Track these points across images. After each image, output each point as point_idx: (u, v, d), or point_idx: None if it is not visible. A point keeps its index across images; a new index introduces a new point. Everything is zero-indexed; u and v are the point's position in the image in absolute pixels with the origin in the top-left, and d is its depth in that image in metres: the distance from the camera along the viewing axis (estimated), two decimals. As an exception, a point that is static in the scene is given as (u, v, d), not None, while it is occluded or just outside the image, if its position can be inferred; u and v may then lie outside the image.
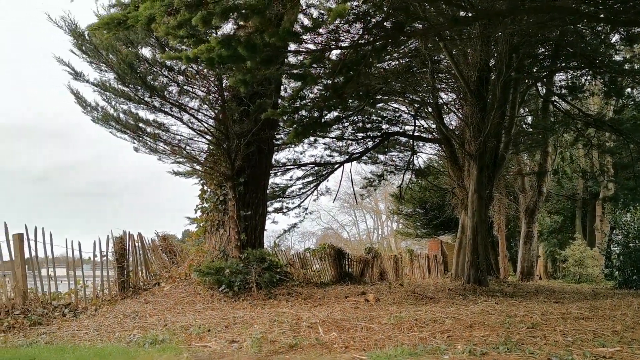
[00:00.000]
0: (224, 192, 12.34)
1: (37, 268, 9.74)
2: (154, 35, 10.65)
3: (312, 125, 10.81)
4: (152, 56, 11.36)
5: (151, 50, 11.47)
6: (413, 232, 33.31)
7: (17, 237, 9.43)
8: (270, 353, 5.98)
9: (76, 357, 5.88)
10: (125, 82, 10.84)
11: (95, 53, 10.88)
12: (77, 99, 11.08)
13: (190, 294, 10.72)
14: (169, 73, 11.40)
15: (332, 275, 18.17)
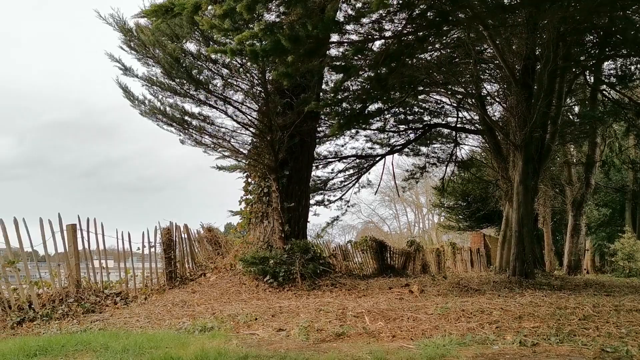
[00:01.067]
0: (268, 184, 12.46)
1: (89, 258, 10.06)
2: (198, 29, 10.83)
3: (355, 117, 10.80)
4: (196, 50, 11.55)
5: (195, 44, 11.66)
6: (455, 225, 32.91)
7: (71, 228, 9.76)
8: (318, 341, 6.04)
9: (130, 343, 6.05)
10: (171, 76, 11.07)
11: (142, 48, 11.13)
12: (126, 93, 11.37)
13: (236, 284, 10.89)
14: (214, 66, 11.56)
15: (373, 268, 18.16)
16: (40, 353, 5.84)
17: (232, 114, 11.78)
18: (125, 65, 11.27)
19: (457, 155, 21.53)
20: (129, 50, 11.38)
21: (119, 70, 11.26)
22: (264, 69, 11.37)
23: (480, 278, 14.83)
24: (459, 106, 19.01)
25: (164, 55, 10.72)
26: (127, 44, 11.29)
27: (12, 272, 8.94)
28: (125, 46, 11.33)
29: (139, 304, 9.71)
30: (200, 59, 11.44)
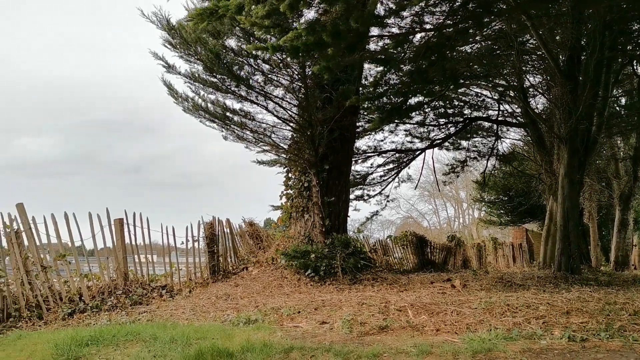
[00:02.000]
0: (308, 178, 12.52)
1: (135, 251, 10.32)
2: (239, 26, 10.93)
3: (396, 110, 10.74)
4: (237, 46, 11.67)
5: (236, 40, 11.78)
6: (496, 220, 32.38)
7: (118, 222, 10.03)
8: (362, 334, 6.07)
9: (177, 334, 6.19)
10: (213, 72, 11.22)
11: (184, 45, 11.30)
12: (170, 90, 11.60)
13: (278, 278, 11.00)
14: (254, 62, 11.66)
15: (414, 263, 18.07)
16: (92, 343, 6.04)
17: (272, 110, 11.88)
18: (168, 62, 11.48)
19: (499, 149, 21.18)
20: (172, 48, 11.57)
21: (162, 68, 11.51)
22: (304, 64, 11.41)
23: (523, 273, 14.57)
24: (501, 99, 18.68)
25: (206, 51, 10.87)
26: (170, 42, 11.48)
27: (63, 265, 9.25)
28: (168, 44, 11.52)
29: (184, 297, 9.91)
30: (240, 55, 11.56)
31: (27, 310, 8.19)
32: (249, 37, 11.33)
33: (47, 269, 8.76)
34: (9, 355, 6.11)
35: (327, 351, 5.18)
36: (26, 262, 8.51)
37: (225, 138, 12.31)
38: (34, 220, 8.79)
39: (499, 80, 16.70)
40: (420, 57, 9.94)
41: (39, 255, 8.72)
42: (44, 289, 8.59)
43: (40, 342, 6.27)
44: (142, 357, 5.43)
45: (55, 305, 8.51)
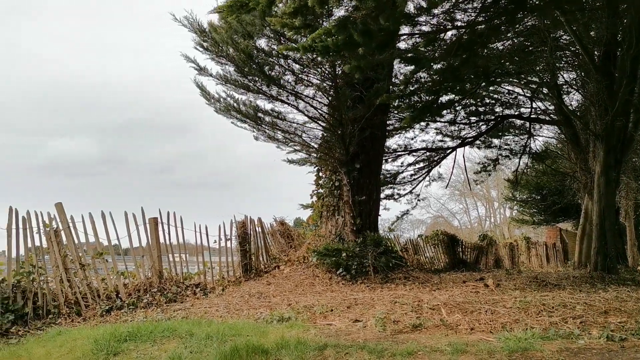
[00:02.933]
0: (339, 177, 12.55)
1: (170, 250, 10.50)
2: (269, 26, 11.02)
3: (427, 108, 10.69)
4: (268, 47, 11.76)
5: (266, 41, 11.88)
6: (529, 219, 31.86)
7: (153, 221, 10.21)
8: (395, 332, 6.07)
9: (212, 331, 6.28)
10: (244, 73, 11.34)
11: (215, 47, 11.45)
12: (202, 91, 11.77)
13: (309, 277, 11.05)
14: (285, 62, 11.73)
15: (445, 262, 17.96)
16: (130, 338, 6.17)
17: (303, 109, 11.95)
18: (200, 65, 11.66)
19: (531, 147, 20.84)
20: (203, 50, 11.73)
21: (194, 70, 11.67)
22: (334, 63, 11.45)
23: (558, 273, 14.34)
24: (533, 96, 18.38)
25: (237, 52, 10.99)
26: (201, 44, 11.64)
27: (101, 263, 9.46)
28: (199, 46, 11.68)
29: (217, 295, 10.04)
30: (271, 55, 11.65)
31: (66, 307, 8.41)
32: (279, 37, 11.41)
33: (85, 267, 8.97)
34: (49, 351, 6.28)
35: (361, 349, 5.20)
36: (65, 260, 8.73)
37: (257, 138, 12.44)
38: (72, 219, 9.03)
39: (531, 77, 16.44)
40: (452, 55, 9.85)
41: (77, 254, 8.95)
42: (82, 287, 8.81)
43: (79, 338, 6.43)
44: (179, 353, 5.52)
45: (93, 302, 8.71)
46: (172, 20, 11.40)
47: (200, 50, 11.70)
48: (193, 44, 11.64)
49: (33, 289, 8.17)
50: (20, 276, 8.20)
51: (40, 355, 6.18)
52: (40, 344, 6.59)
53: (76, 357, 5.86)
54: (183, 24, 11.41)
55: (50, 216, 8.79)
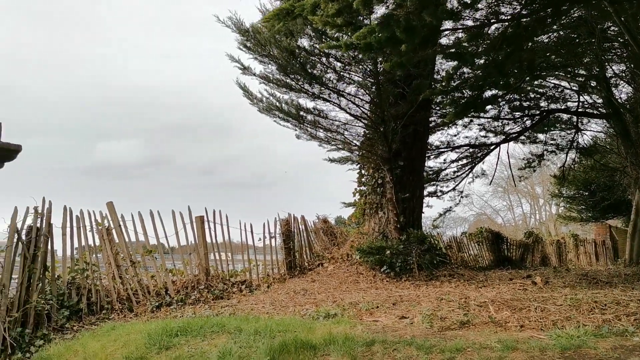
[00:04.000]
0: (382, 175, 12.52)
1: (216, 248, 10.69)
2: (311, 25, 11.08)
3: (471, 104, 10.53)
4: (309, 45, 11.84)
5: (308, 40, 11.96)
6: (576, 215, 31.03)
7: (199, 219, 10.42)
8: (442, 329, 6.03)
9: (260, 326, 6.38)
10: (287, 72, 11.44)
11: (259, 47, 11.59)
12: (245, 91, 11.94)
13: (353, 274, 11.07)
14: (326, 60, 11.79)
15: (489, 260, 17.73)
16: (181, 333, 6.33)
17: (345, 107, 11.98)
18: (244, 64, 11.83)
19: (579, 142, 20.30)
20: (246, 50, 11.89)
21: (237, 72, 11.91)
22: (376, 60, 11.43)
23: (608, 271, 13.95)
24: (580, 89, 17.91)
25: (280, 52, 11.11)
26: (244, 44, 11.80)
27: (150, 260, 9.72)
28: (243, 47, 11.85)
29: (263, 292, 10.17)
30: (313, 54, 11.72)
31: (119, 303, 8.67)
32: (321, 36, 11.46)
33: (135, 264, 9.23)
34: (104, 345, 6.49)
35: (409, 345, 5.20)
36: (117, 258, 9.00)
37: (299, 137, 12.56)
38: (122, 218, 9.30)
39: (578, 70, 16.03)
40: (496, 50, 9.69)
41: (128, 251, 9.21)
42: (133, 283, 9.06)
43: (133, 333, 6.63)
44: (229, 348, 5.63)
45: (144, 298, 8.95)
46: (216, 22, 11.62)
47: (243, 50, 11.89)
48: (237, 44, 11.85)
49: (87, 285, 8.45)
50: (74, 273, 8.50)
51: (96, 349, 6.40)
52: (95, 339, 6.82)
53: (130, 351, 6.04)
54: (227, 25, 11.60)
55: (102, 215, 9.07)
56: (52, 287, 7.97)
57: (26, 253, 7.49)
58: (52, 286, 7.99)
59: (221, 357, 5.46)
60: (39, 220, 7.73)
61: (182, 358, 5.65)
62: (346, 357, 5.05)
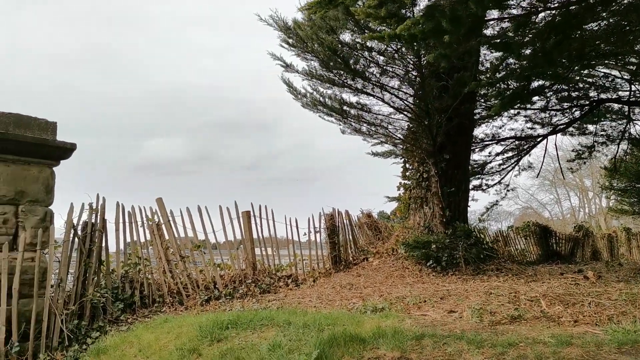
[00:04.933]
0: (426, 168, 12.41)
1: (262, 242, 10.83)
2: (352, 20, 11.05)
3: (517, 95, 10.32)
4: (351, 40, 11.81)
5: (350, 34, 11.93)
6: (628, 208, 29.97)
7: (245, 214, 10.57)
8: (493, 323, 5.96)
9: (309, 320, 6.43)
10: (329, 67, 11.46)
11: (300, 43, 11.64)
12: (289, 87, 12.03)
13: (399, 269, 11.03)
14: (369, 55, 11.74)
15: (537, 254, 17.39)
16: (231, 326, 6.44)
17: (388, 100, 11.91)
18: (286, 62, 11.90)
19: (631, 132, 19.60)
20: (288, 47, 11.95)
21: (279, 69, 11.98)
22: (419, 53, 11.32)
23: (664, 265, 13.48)
24: (632, 78, 17.27)
25: (322, 48, 11.12)
26: (286, 41, 11.87)
27: (199, 256, 9.91)
28: (285, 43, 11.92)
29: (309, 286, 10.25)
30: (355, 48, 11.68)
31: (169, 297, 8.88)
32: (362, 30, 11.42)
33: (185, 259, 9.43)
34: (158, 336, 6.68)
35: (459, 339, 5.15)
36: (167, 252, 9.22)
37: (343, 132, 12.57)
38: (171, 214, 9.52)
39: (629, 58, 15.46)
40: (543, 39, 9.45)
41: (177, 246, 9.42)
42: (183, 277, 9.27)
43: (185, 325, 6.79)
44: (279, 341, 5.70)
45: (193, 292, 9.14)
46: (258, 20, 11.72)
47: (285, 47, 11.95)
48: (278, 41, 11.92)
49: (139, 279, 8.69)
50: (127, 267, 8.76)
51: (150, 340, 6.58)
52: (148, 330, 7.01)
53: (183, 342, 6.20)
54: (268, 23, 11.69)
55: (152, 211, 9.30)
56: (107, 281, 8.23)
57: (82, 248, 7.76)
58: (107, 280, 8.25)
59: (271, 349, 5.53)
60: (94, 216, 7.99)
61: (233, 350, 5.76)
62: (396, 350, 5.04)
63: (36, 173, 7.42)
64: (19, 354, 6.78)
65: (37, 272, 7.06)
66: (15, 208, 7.21)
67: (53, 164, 7.65)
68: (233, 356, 5.64)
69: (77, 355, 6.88)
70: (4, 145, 7.02)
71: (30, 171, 7.36)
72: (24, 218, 7.24)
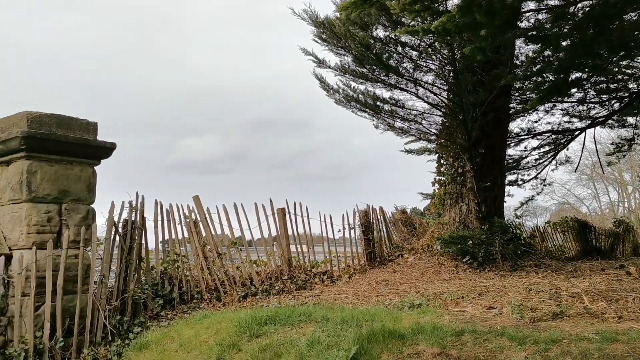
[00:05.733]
0: (461, 164, 12.30)
1: (297, 239, 10.89)
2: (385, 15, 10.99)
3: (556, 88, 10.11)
4: (385, 36, 11.75)
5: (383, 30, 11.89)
6: (671, 203, 29.20)
7: (280, 211, 10.64)
8: (534, 320, 5.88)
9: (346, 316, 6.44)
10: (362, 63, 11.43)
11: (334, 39, 11.63)
12: (321, 83, 12.05)
13: (434, 265, 10.96)
14: (402, 50, 11.67)
15: (575, 250, 17.04)
16: (269, 322, 6.50)
17: (422, 96, 11.84)
18: (318, 57, 11.92)
19: (674, 124, 19.03)
20: (321, 42, 11.96)
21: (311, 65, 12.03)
22: (453, 47, 11.21)
23: None
24: (674, 68, 16.76)
25: (355, 44, 11.10)
26: (320, 37, 11.88)
27: (235, 252, 10.03)
28: (318, 39, 11.93)
29: (344, 283, 10.27)
30: (388, 44, 11.63)
31: (207, 293, 9.00)
32: (395, 25, 11.35)
33: (222, 256, 9.55)
34: (198, 332, 6.79)
35: (501, 335, 5.10)
36: (204, 249, 9.35)
37: (377, 127, 12.57)
38: (208, 211, 9.64)
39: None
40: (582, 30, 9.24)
41: (214, 243, 9.55)
42: (220, 274, 9.38)
43: (224, 321, 6.87)
44: (317, 336, 5.73)
45: (230, 288, 9.25)
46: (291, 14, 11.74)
47: (318, 42, 11.97)
48: (312, 36, 11.94)
49: (178, 275, 8.84)
50: (166, 264, 8.90)
51: (190, 336, 6.70)
52: (188, 326, 7.13)
53: (222, 338, 6.29)
54: (302, 17, 11.70)
55: (189, 208, 9.44)
56: (147, 278, 8.39)
57: (123, 245, 7.93)
58: (147, 276, 8.41)
59: (310, 345, 5.57)
60: (134, 214, 8.15)
61: (272, 346, 5.81)
62: (436, 346, 5.02)
63: (78, 172, 7.61)
64: (63, 349, 6.96)
65: (81, 268, 7.24)
66: (59, 207, 7.40)
67: (94, 163, 7.84)
68: (272, 352, 5.70)
69: (120, 350, 7.04)
70: (48, 145, 7.21)
71: (73, 170, 7.55)
72: (67, 216, 7.43)
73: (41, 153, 7.23)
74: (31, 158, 7.18)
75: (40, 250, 6.98)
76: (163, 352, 6.52)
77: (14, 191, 7.25)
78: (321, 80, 12.09)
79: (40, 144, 7.16)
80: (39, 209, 7.18)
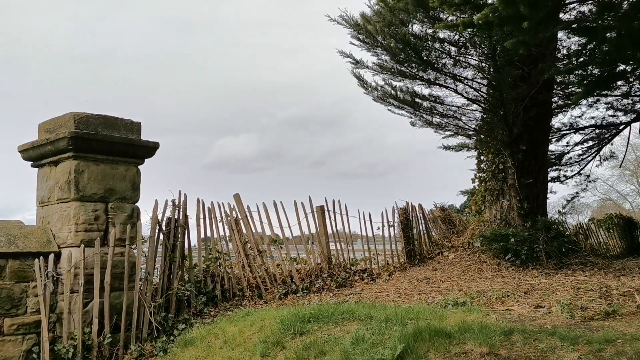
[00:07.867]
0: (502, 160, 12.07)
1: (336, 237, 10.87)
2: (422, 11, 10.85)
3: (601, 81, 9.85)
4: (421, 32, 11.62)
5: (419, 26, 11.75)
6: None
7: (319, 209, 10.64)
8: (585, 319, 5.74)
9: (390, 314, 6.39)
10: (400, 60, 11.33)
11: (370, 38, 11.58)
12: (360, 81, 12.01)
13: (476, 262, 10.79)
14: (440, 45, 11.53)
15: (621, 248, 16.61)
16: (313, 320, 6.50)
17: (462, 91, 11.65)
18: (355, 58, 11.90)
19: None
20: (358, 43, 11.92)
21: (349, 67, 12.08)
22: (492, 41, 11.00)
23: None
24: None
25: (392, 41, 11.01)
26: (357, 37, 11.84)
27: (275, 249, 10.07)
28: (355, 39, 11.90)
29: (384, 280, 10.21)
30: (426, 40, 11.50)
31: (249, 290, 9.07)
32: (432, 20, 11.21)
33: (262, 253, 9.61)
34: (241, 329, 6.83)
35: (552, 335, 4.98)
36: (245, 247, 9.42)
37: (413, 124, 12.46)
38: (248, 209, 9.71)
39: None
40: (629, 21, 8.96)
41: (255, 241, 9.61)
42: (261, 272, 9.44)
43: (267, 318, 6.91)
44: (361, 334, 5.71)
45: (271, 286, 9.30)
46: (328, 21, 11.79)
47: (355, 44, 11.95)
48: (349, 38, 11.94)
49: (220, 273, 8.92)
50: (208, 262, 9.01)
51: (234, 333, 6.75)
52: (232, 323, 7.18)
53: (266, 335, 6.32)
54: (338, 22, 11.73)
55: (230, 206, 9.52)
56: (190, 275, 8.49)
57: (167, 243, 8.04)
58: (190, 274, 8.51)
59: (354, 343, 5.55)
60: (177, 212, 8.26)
61: (316, 343, 5.81)
62: (484, 346, 4.93)
63: (123, 171, 7.76)
64: (111, 345, 7.11)
65: (127, 266, 7.38)
66: (105, 205, 7.56)
67: (138, 162, 7.98)
68: (317, 349, 5.70)
69: (165, 346, 7.15)
70: (94, 145, 7.37)
71: (118, 169, 7.70)
72: (113, 215, 7.58)
73: (88, 153, 7.40)
74: (78, 158, 7.35)
75: (88, 247, 7.14)
76: (208, 348, 6.59)
77: (62, 190, 7.43)
78: (360, 77, 12.05)
79: (87, 144, 7.33)
80: (86, 207, 7.35)
